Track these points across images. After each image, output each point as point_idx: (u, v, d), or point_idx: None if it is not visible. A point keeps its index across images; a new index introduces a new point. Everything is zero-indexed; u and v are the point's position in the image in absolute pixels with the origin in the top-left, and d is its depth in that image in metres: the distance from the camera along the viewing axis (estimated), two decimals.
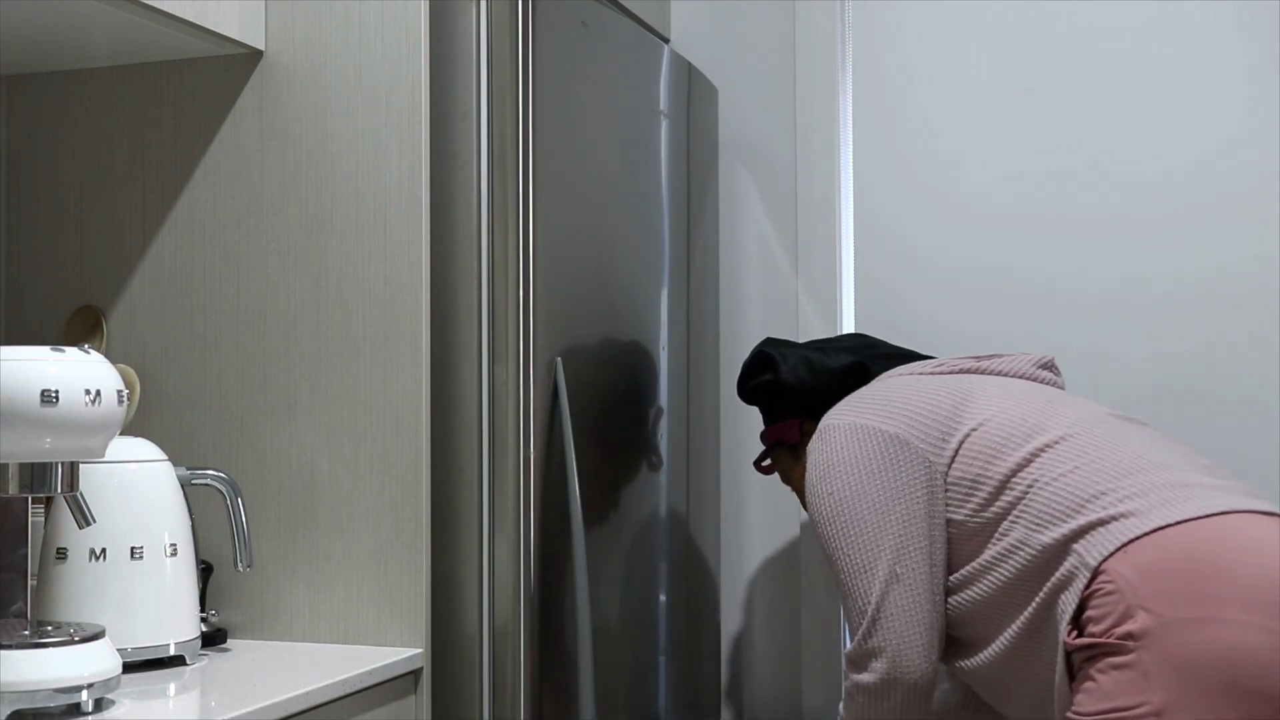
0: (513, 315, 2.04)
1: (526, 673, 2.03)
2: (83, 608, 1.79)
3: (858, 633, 1.91)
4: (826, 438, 1.98)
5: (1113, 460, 1.83)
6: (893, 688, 1.89)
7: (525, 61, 2.05)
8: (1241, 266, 2.64)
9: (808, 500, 2.00)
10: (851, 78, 2.90)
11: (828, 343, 2.24)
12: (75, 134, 2.18)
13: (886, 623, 1.89)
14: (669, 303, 2.56)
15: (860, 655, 1.92)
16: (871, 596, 1.90)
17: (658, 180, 2.54)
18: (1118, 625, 1.69)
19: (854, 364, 2.14)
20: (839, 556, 1.93)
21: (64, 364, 1.56)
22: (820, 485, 1.96)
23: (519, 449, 2.03)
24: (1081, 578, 1.74)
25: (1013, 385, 2.01)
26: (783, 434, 2.23)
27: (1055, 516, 1.80)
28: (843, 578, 1.93)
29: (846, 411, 2.01)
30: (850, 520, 1.92)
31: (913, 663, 1.88)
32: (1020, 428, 1.89)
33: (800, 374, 2.17)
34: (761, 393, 2.22)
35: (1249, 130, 2.64)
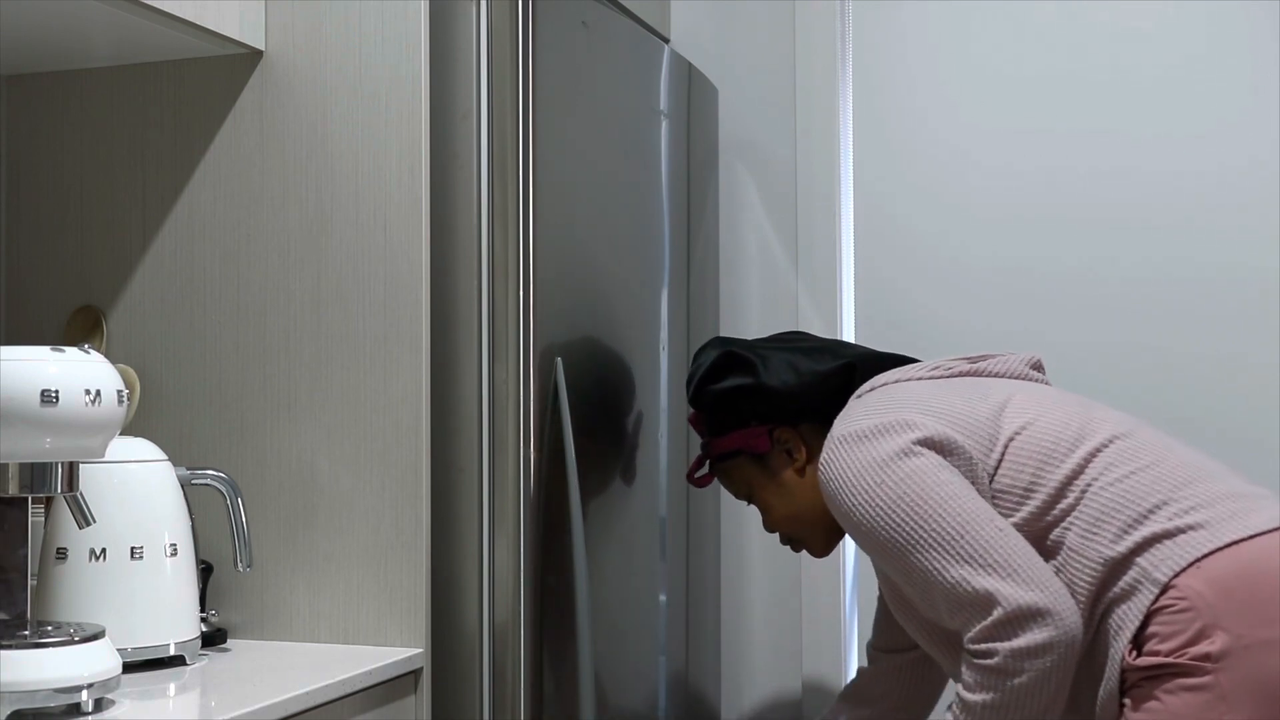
0: (513, 315, 2.04)
1: (526, 673, 2.03)
2: (83, 608, 1.78)
3: (991, 598, 1.67)
4: (873, 444, 1.80)
5: (1168, 467, 1.74)
6: (1051, 645, 1.65)
7: (525, 61, 2.04)
8: (1245, 260, 2.64)
9: (855, 508, 1.78)
10: (851, 78, 2.90)
11: (788, 342, 2.06)
12: (75, 134, 2.17)
13: (1027, 569, 1.68)
14: (669, 303, 2.56)
15: (1012, 618, 1.66)
16: (996, 550, 1.69)
17: (658, 180, 2.54)
18: (1192, 645, 1.61)
19: (842, 367, 1.98)
20: (931, 543, 1.71)
21: (64, 364, 1.56)
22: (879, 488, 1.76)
23: (519, 449, 2.03)
24: (1146, 592, 1.65)
25: (1038, 389, 1.90)
26: (749, 443, 2.01)
27: (1113, 525, 1.70)
28: (944, 556, 1.70)
29: (883, 416, 1.83)
30: (928, 500, 1.73)
31: (1068, 608, 1.67)
32: (1066, 432, 1.78)
33: (785, 378, 1.98)
34: (732, 397, 2.00)
35: (1251, 123, 2.64)
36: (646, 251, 2.49)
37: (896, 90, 2.87)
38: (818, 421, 1.98)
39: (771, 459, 2.01)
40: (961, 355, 1.98)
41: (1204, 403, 2.64)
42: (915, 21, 2.85)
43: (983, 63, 2.81)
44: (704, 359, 2.05)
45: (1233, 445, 2.54)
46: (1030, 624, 1.65)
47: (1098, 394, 2.02)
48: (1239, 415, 2.63)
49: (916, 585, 1.76)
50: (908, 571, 1.75)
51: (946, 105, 2.83)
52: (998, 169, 2.79)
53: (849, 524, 1.82)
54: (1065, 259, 2.75)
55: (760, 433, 2.00)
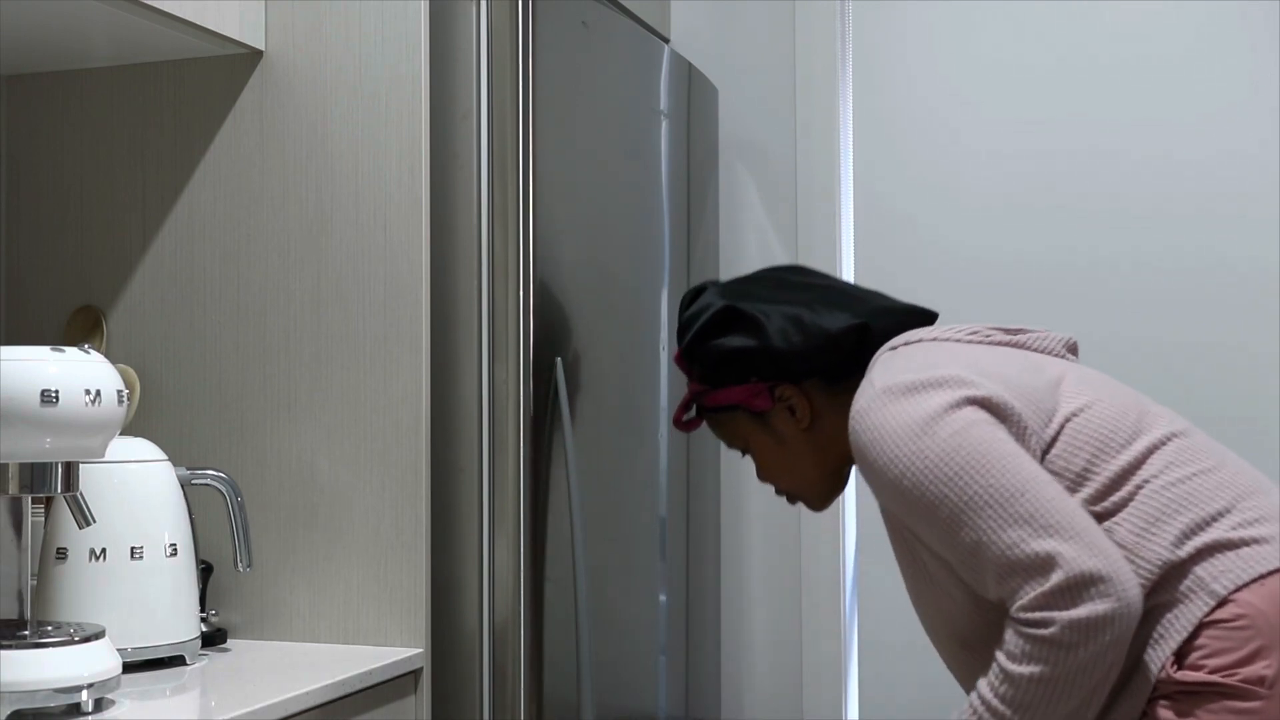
0: (513, 315, 2.04)
1: (526, 673, 2.02)
2: (83, 608, 1.78)
3: (1051, 560, 1.53)
4: (921, 398, 1.65)
5: (1228, 474, 1.64)
6: (1113, 618, 1.51)
7: (525, 61, 2.04)
8: (1248, 249, 2.65)
9: (897, 465, 1.64)
10: (851, 78, 2.90)
11: (793, 292, 1.89)
12: (75, 134, 2.17)
13: (1091, 535, 1.54)
14: (669, 303, 2.56)
15: (1073, 584, 1.52)
16: (1058, 511, 1.56)
17: (658, 180, 2.54)
18: (1245, 665, 1.52)
19: (855, 327, 1.82)
20: (986, 500, 1.57)
21: (64, 364, 1.56)
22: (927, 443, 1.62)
23: (519, 449, 2.03)
24: (1200, 603, 1.55)
25: (1088, 372, 1.76)
26: (749, 400, 1.85)
27: (1173, 527, 1.59)
28: (1000, 514, 1.57)
29: (931, 371, 1.68)
30: (985, 455, 1.59)
31: (1129, 579, 1.53)
32: (1124, 421, 1.66)
33: (791, 339, 1.82)
34: (733, 355, 1.84)
35: (1252, 111, 2.65)
36: (646, 251, 2.49)
37: (896, 90, 2.87)
38: (823, 379, 1.84)
39: (772, 416, 1.86)
40: (994, 325, 1.84)
41: (1205, 391, 2.64)
42: (915, 21, 2.85)
43: (983, 63, 2.81)
44: (701, 310, 1.87)
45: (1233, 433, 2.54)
46: (1091, 593, 1.51)
47: None
48: (1240, 404, 2.63)
49: (962, 549, 1.60)
50: (954, 532, 1.59)
51: (946, 105, 2.83)
52: (998, 168, 2.80)
53: (885, 483, 1.66)
54: (1065, 256, 2.75)
55: (761, 390, 1.85)
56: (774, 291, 1.87)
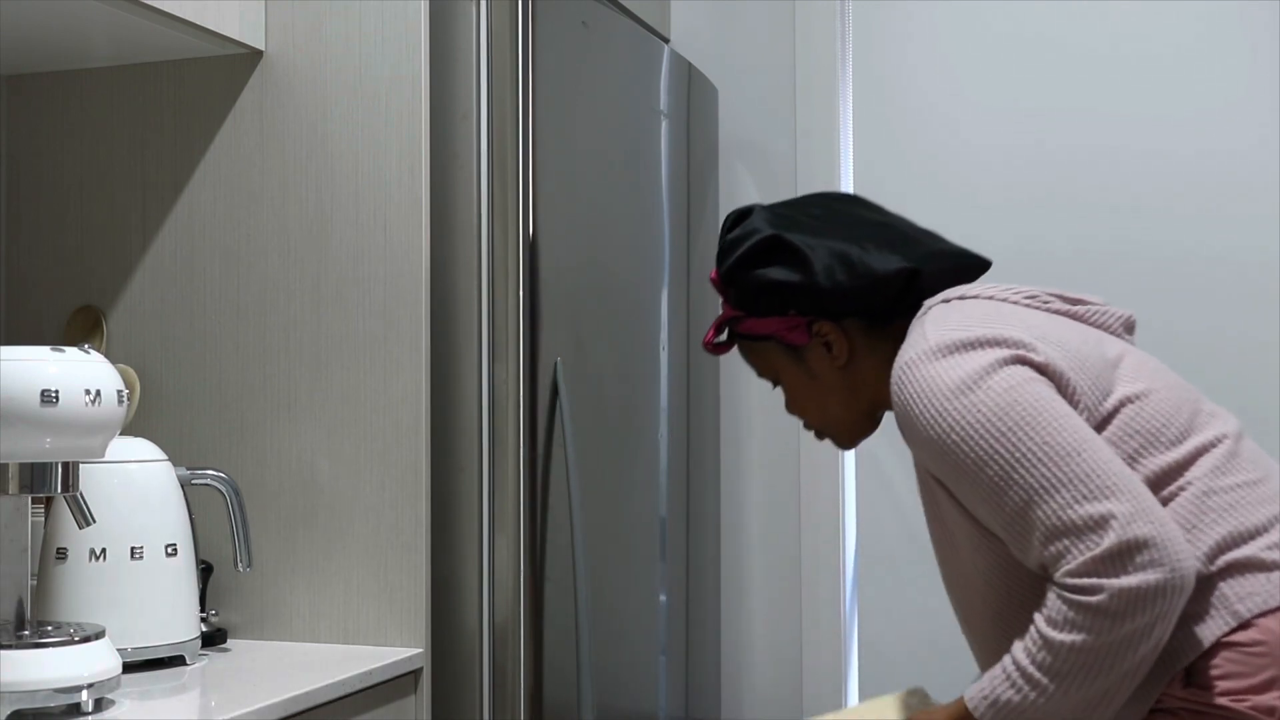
0: (513, 315, 2.04)
1: (526, 673, 2.03)
2: (83, 608, 1.78)
3: (1104, 520, 1.46)
4: (972, 356, 1.58)
5: (1270, 489, 1.57)
6: (1165, 589, 1.44)
7: (525, 61, 2.04)
8: (1247, 241, 2.66)
9: (941, 422, 1.56)
10: (851, 78, 2.90)
11: (843, 226, 1.78)
12: (75, 134, 2.18)
13: (1146, 500, 1.47)
14: (669, 303, 2.56)
15: (1126, 548, 1.44)
16: (1114, 473, 1.48)
17: (658, 180, 2.54)
18: (1256, 693, 1.46)
19: (905, 270, 1.73)
20: (1038, 459, 1.50)
21: (64, 364, 1.56)
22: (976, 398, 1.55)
23: (519, 449, 2.03)
24: (1220, 621, 1.50)
25: (1146, 357, 1.69)
26: (785, 333, 1.77)
27: (1209, 538, 1.53)
28: (1052, 473, 1.49)
29: (985, 329, 1.61)
30: (1037, 413, 1.52)
31: (1183, 549, 1.45)
32: (1177, 417, 1.59)
33: (836, 276, 1.72)
34: (772, 287, 1.75)
35: (1252, 104, 2.65)
36: (646, 251, 2.49)
37: (896, 90, 2.87)
38: (864, 318, 1.76)
39: (808, 352, 1.78)
40: (1054, 291, 1.76)
41: (1206, 383, 2.63)
42: (915, 22, 2.85)
43: (983, 62, 2.81)
44: (745, 236, 1.77)
45: None
46: (1143, 560, 1.43)
47: None
48: (1241, 396, 2.62)
49: (1009, 509, 1.51)
50: (1002, 491, 1.51)
51: (946, 104, 2.83)
52: (998, 167, 2.80)
53: (929, 439, 1.57)
54: (1066, 253, 2.75)
55: (799, 324, 1.76)
56: (823, 223, 1.78)
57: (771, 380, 1.84)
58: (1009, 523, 1.52)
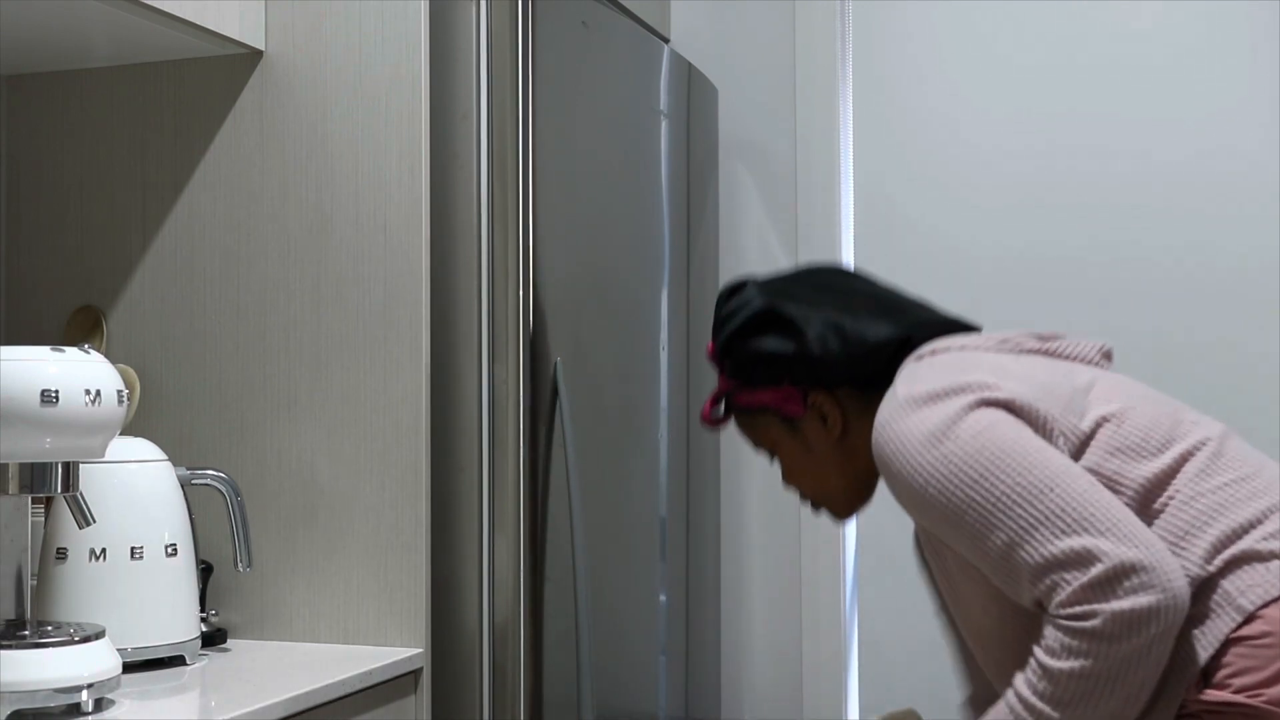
0: (513, 315, 2.04)
1: (526, 673, 2.03)
2: (83, 608, 1.78)
3: (1089, 553, 1.47)
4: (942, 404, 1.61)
5: (1262, 482, 1.58)
6: (1158, 610, 1.45)
7: (525, 61, 2.05)
8: (1248, 245, 2.66)
9: (920, 473, 1.59)
10: (851, 78, 2.90)
11: (836, 297, 1.82)
12: (75, 134, 2.18)
13: (1128, 525, 1.48)
14: (669, 303, 2.56)
15: (1115, 574, 1.46)
16: (1090, 503, 1.50)
17: (658, 180, 2.54)
18: (1269, 685, 1.46)
19: (897, 339, 1.77)
20: (1016, 499, 1.52)
21: (64, 364, 1.56)
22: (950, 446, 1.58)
23: (519, 449, 2.03)
24: (1227, 618, 1.50)
25: (1121, 379, 1.71)
26: (780, 404, 1.80)
27: (1204, 541, 1.53)
28: (1031, 512, 1.51)
29: (955, 378, 1.64)
30: (1008, 453, 1.54)
31: (1173, 569, 1.47)
32: (1157, 429, 1.61)
33: (830, 346, 1.76)
34: (769, 358, 1.79)
35: (1252, 107, 2.66)
36: (646, 251, 2.49)
37: (896, 90, 2.87)
38: (858, 387, 1.79)
39: (803, 423, 1.81)
40: (1029, 330, 1.80)
41: (1206, 387, 2.64)
42: (915, 21, 2.85)
43: (983, 62, 2.81)
44: (740, 308, 1.81)
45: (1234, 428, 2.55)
46: (1134, 583, 1.45)
47: None
48: (1240, 399, 2.63)
49: (994, 554, 1.54)
50: (984, 536, 1.54)
51: (946, 104, 2.83)
52: (998, 167, 2.80)
53: (910, 493, 1.61)
54: (1066, 254, 2.75)
55: (794, 395, 1.79)
56: (816, 294, 1.82)
57: (768, 452, 1.87)
58: (996, 566, 1.55)
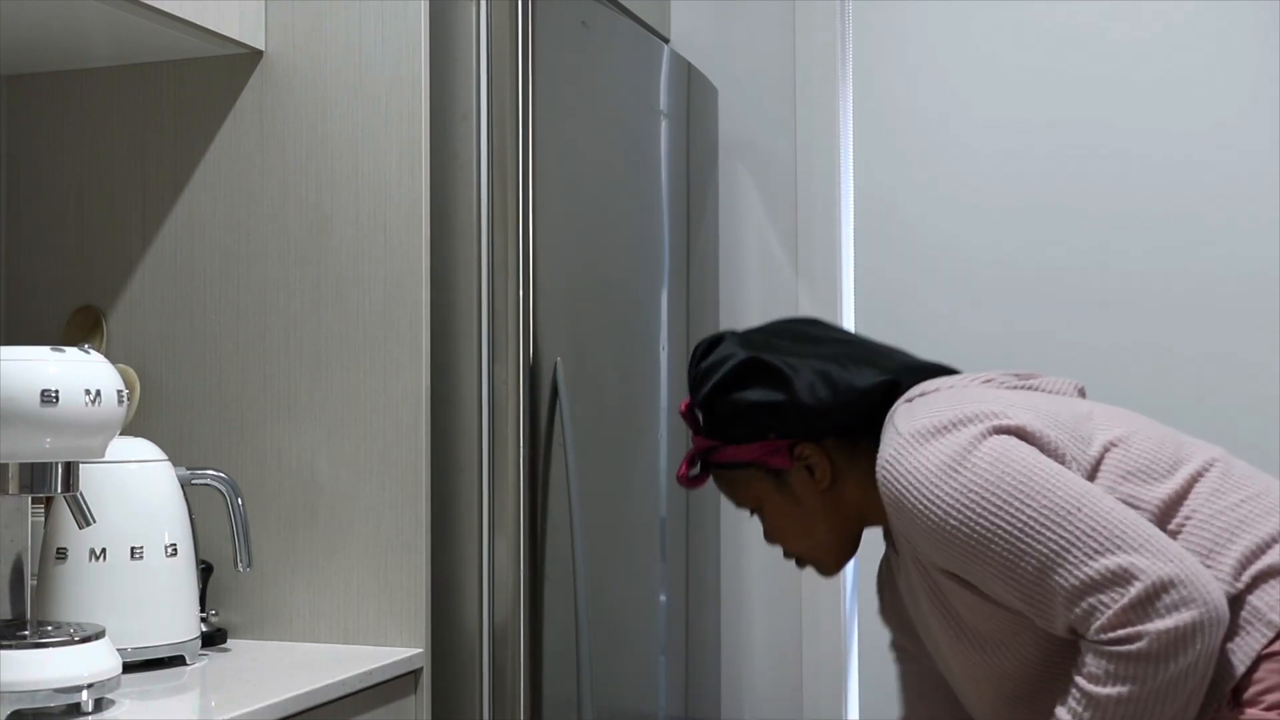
0: (513, 315, 2.04)
1: (526, 673, 2.03)
2: (83, 608, 1.78)
3: (1127, 572, 1.44)
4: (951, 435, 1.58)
5: (1274, 499, 1.56)
6: (1201, 625, 1.42)
7: (525, 61, 2.05)
8: (1247, 253, 2.66)
9: (936, 509, 1.55)
10: (851, 78, 2.90)
11: (816, 346, 1.81)
12: (75, 134, 2.17)
13: (1158, 541, 1.46)
14: (669, 303, 2.56)
15: (1155, 592, 1.43)
16: (1119, 522, 1.47)
17: (658, 180, 2.54)
18: None
19: (885, 383, 1.74)
20: (1044, 523, 1.49)
21: (64, 364, 1.56)
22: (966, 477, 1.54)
23: (519, 449, 2.03)
24: (1258, 634, 1.47)
25: (1115, 408, 1.70)
26: (767, 458, 1.75)
27: (1228, 558, 1.51)
28: (1061, 535, 1.48)
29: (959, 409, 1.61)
30: (1030, 477, 1.51)
31: (1209, 581, 1.44)
32: (1163, 451, 1.59)
33: (820, 395, 1.72)
34: (755, 411, 1.75)
35: (1252, 115, 2.66)
36: (646, 251, 2.49)
37: (896, 90, 2.87)
38: (844, 436, 1.76)
39: (790, 476, 1.76)
40: (1007, 370, 1.78)
41: (1205, 397, 2.65)
42: (915, 21, 2.85)
43: (982, 63, 2.81)
44: (721, 361, 1.77)
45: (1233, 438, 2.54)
46: (1173, 600, 1.43)
47: (1100, 389, 2.01)
48: (1240, 409, 2.63)
49: (1025, 581, 1.50)
50: (1014, 564, 1.50)
51: (947, 104, 2.83)
52: (998, 169, 2.80)
53: (928, 529, 1.56)
54: (1066, 257, 2.75)
55: (780, 448, 1.75)
56: (796, 345, 1.79)
57: (751, 509, 1.82)
58: (1028, 594, 1.51)
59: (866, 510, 1.74)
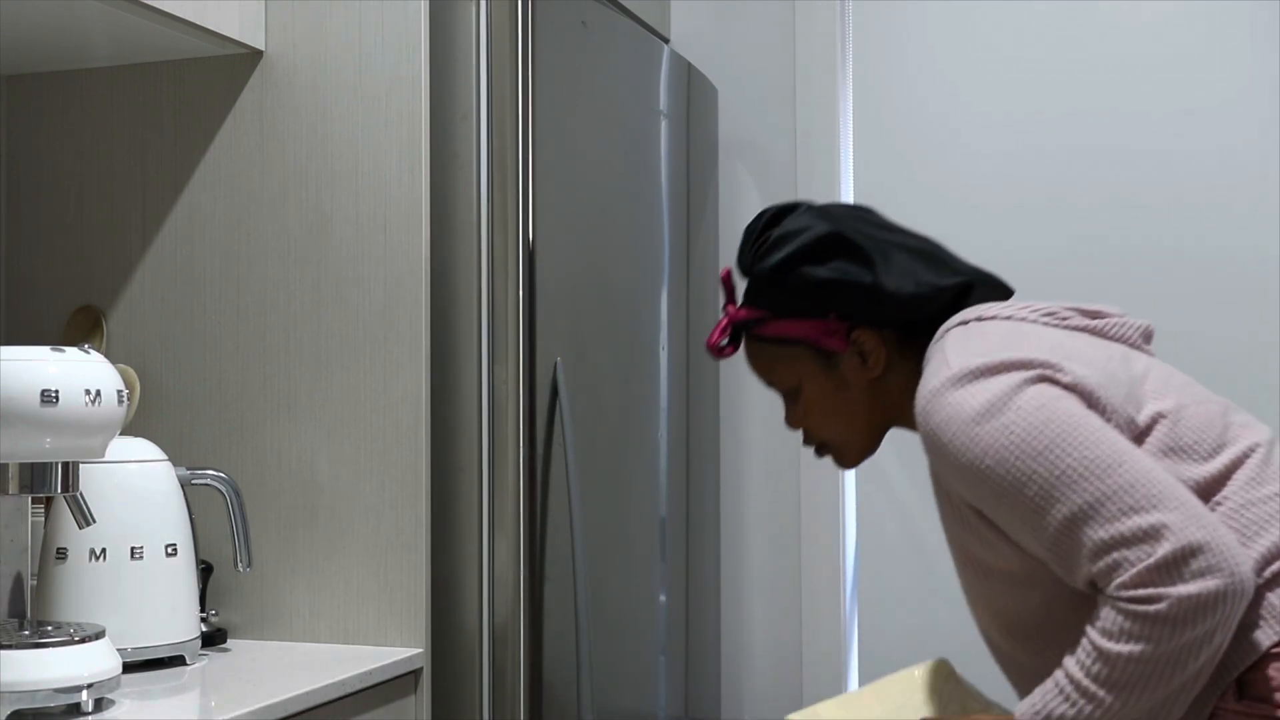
0: (513, 315, 2.04)
1: (526, 673, 2.03)
2: (83, 608, 1.79)
3: (1157, 530, 1.43)
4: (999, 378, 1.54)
5: None
6: (1225, 595, 1.41)
7: (525, 61, 2.05)
8: (1247, 241, 2.66)
9: (975, 447, 1.51)
10: (851, 78, 2.90)
11: (895, 235, 1.72)
12: (75, 134, 2.18)
13: (1194, 506, 1.44)
14: (669, 303, 2.56)
15: (1183, 555, 1.41)
16: (1158, 482, 1.45)
17: (658, 180, 2.54)
18: None
19: (961, 285, 1.69)
20: (1080, 474, 1.47)
21: (64, 364, 1.56)
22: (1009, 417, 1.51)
23: (519, 449, 2.03)
24: (1270, 631, 1.47)
25: (1170, 371, 1.66)
26: (821, 338, 1.68)
27: (1252, 550, 1.49)
28: (1096, 488, 1.46)
29: (1009, 352, 1.57)
30: (1072, 428, 1.49)
31: (1239, 554, 1.43)
32: (1210, 431, 1.57)
33: (903, 284, 1.66)
34: (829, 287, 1.66)
35: (1250, 102, 2.66)
36: (646, 251, 2.49)
37: (896, 90, 2.87)
38: (902, 330, 1.70)
39: (841, 360, 1.69)
40: (1072, 305, 1.72)
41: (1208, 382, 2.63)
42: (915, 21, 2.85)
43: (982, 62, 2.81)
44: (799, 230, 1.68)
45: None
46: (1201, 566, 1.41)
47: None
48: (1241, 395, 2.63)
49: (1052, 528, 1.48)
50: (1044, 510, 1.48)
51: (946, 104, 2.83)
52: (997, 167, 2.80)
53: (963, 466, 1.53)
54: (1066, 253, 2.75)
55: (838, 329, 1.68)
56: (878, 230, 1.71)
57: (786, 389, 1.75)
58: (1053, 542, 1.49)
59: (905, 408, 1.70)
